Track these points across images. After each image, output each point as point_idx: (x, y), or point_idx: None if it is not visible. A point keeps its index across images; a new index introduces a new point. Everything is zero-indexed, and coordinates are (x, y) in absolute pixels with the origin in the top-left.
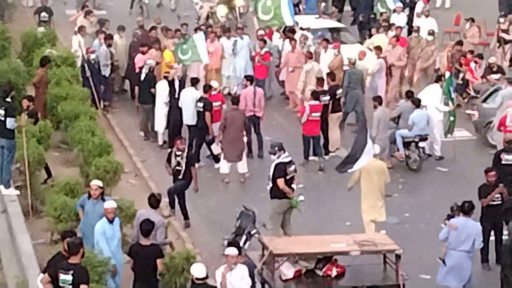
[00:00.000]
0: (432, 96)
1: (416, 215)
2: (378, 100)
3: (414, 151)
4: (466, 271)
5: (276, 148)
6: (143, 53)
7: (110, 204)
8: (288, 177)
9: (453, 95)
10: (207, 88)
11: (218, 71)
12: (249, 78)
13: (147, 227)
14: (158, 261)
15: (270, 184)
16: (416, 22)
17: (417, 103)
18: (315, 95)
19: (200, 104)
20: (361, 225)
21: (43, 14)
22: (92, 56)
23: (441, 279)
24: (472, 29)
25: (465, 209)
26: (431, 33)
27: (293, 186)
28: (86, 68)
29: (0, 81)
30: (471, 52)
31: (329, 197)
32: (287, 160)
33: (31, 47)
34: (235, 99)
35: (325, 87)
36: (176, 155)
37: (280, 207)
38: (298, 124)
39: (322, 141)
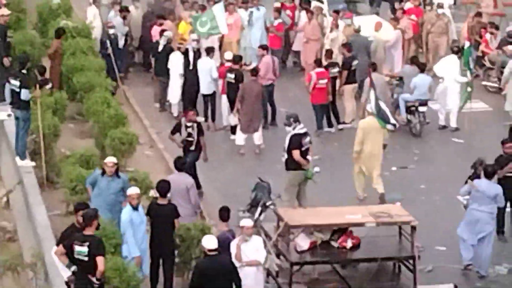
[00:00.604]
0: (450, 67)
1: (432, 186)
2: (372, 66)
3: (415, 115)
4: (482, 226)
5: (292, 120)
6: (160, 24)
7: (134, 190)
8: (303, 149)
9: (472, 66)
10: (238, 59)
11: (238, 42)
12: (264, 47)
13: (163, 187)
14: (176, 220)
15: (286, 156)
16: None
17: (421, 67)
18: (319, 62)
19: (231, 75)
20: (377, 198)
21: None
22: (111, 31)
23: (459, 230)
24: None
25: (488, 172)
26: (441, 5)
27: (308, 157)
28: (108, 44)
29: (16, 53)
30: (492, 24)
31: (345, 168)
32: (302, 131)
33: (47, 18)
34: (254, 71)
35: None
36: (187, 126)
37: (295, 178)
38: None
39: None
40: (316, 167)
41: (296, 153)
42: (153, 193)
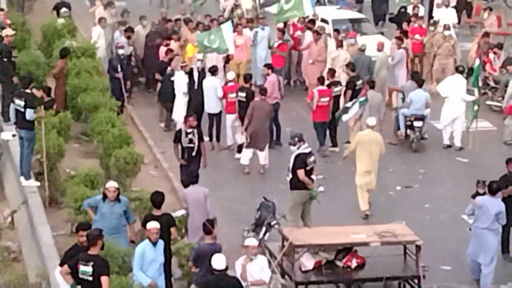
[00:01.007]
0: (456, 86)
1: (436, 206)
2: (370, 84)
3: (414, 131)
4: (490, 247)
5: (296, 139)
6: (167, 45)
7: (153, 224)
8: (308, 168)
9: (480, 84)
10: (248, 77)
11: (248, 62)
12: (269, 66)
13: (158, 198)
14: (172, 229)
15: (290, 175)
16: (436, 13)
17: (419, 83)
18: (322, 80)
19: (243, 94)
20: (382, 217)
21: (64, 9)
22: (121, 51)
23: (468, 254)
24: (491, 18)
25: (492, 188)
26: (447, 28)
27: (313, 177)
28: (118, 67)
29: (20, 73)
30: (497, 44)
31: (349, 188)
32: (307, 151)
33: (51, 38)
34: (263, 90)
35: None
36: (188, 133)
37: (300, 198)
38: None
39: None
40: (320, 187)
41: (301, 173)
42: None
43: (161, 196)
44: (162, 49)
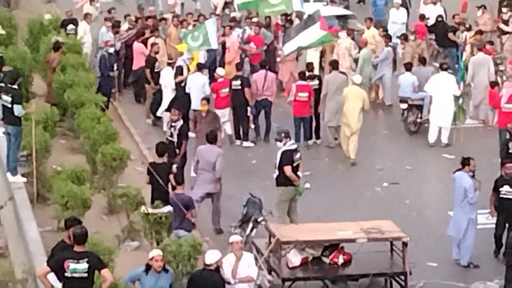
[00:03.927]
0: (443, 84)
1: (423, 202)
2: (333, 64)
3: (414, 113)
4: (460, 223)
5: (283, 135)
6: (143, 42)
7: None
8: (294, 165)
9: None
10: (240, 66)
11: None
12: (261, 63)
13: (161, 148)
14: (170, 176)
15: (277, 172)
16: (423, 10)
17: (408, 67)
18: (302, 75)
19: (237, 82)
20: (368, 214)
21: (70, 26)
22: (111, 50)
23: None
24: (484, 16)
25: (461, 163)
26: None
27: (299, 173)
28: (115, 65)
29: (7, 68)
30: (490, 42)
31: (335, 184)
32: (293, 147)
33: (38, 34)
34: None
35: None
36: (171, 126)
37: (286, 194)
38: None
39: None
40: (306, 183)
41: (288, 169)
42: (144, 208)
43: (164, 147)
44: (137, 45)
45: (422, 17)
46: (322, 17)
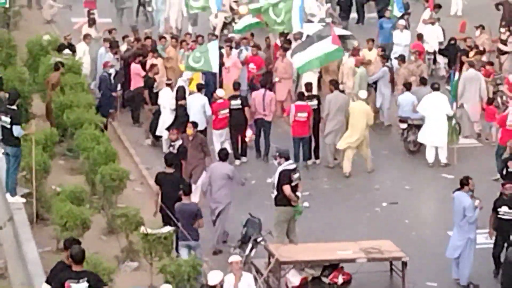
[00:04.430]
0: (437, 104)
1: (422, 222)
2: (333, 84)
3: (414, 133)
4: (459, 242)
5: (277, 154)
6: (139, 62)
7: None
8: (292, 184)
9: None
10: (237, 85)
11: None
12: (261, 82)
13: (169, 157)
14: (181, 186)
15: (275, 192)
16: (422, 30)
17: (407, 87)
18: (300, 95)
19: (237, 102)
20: (368, 233)
21: (66, 51)
22: (111, 70)
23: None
24: (483, 36)
25: (460, 182)
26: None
27: (298, 193)
28: (119, 86)
29: (6, 89)
30: (490, 63)
31: (335, 204)
32: (291, 167)
33: (37, 55)
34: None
35: None
36: (170, 145)
37: (285, 214)
38: None
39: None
40: (305, 202)
41: (287, 189)
42: (143, 229)
43: (173, 156)
44: (135, 67)
45: (420, 37)
46: (334, 31)
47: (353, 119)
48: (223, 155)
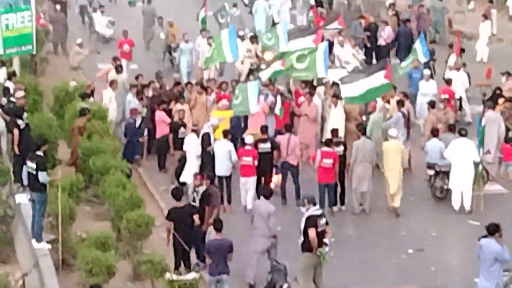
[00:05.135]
0: (463, 150)
1: (448, 269)
2: (360, 129)
3: (441, 179)
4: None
5: (306, 200)
6: (164, 109)
7: None
8: (319, 230)
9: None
10: (265, 129)
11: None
12: (286, 128)
13: (178, 192)
14: (195, 216)
15: (302, 238)
16: (448, 75)
17: (434, 133)
18: (327, 141)
19: (266, 145)
20: (394, 280)
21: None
22: (138, 120)
23: None
24: (509, 83)
25: (489, 230)
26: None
27: (325, 240)
28: (145, 131)
29: (33, 135)
30: None
31: (360, 250)
32: (318, 213)
33: (63, 101)
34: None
35: None
36: (194, 191)
37: (311, 260)
38: None
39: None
40: (327, 247)
41: (312, 232)
42: (169, 275)
43: (180, 191)
44: (159, 114)
45: (449, 82)
46: (388, 66)
47: (387, 160)
48: (268, 193)
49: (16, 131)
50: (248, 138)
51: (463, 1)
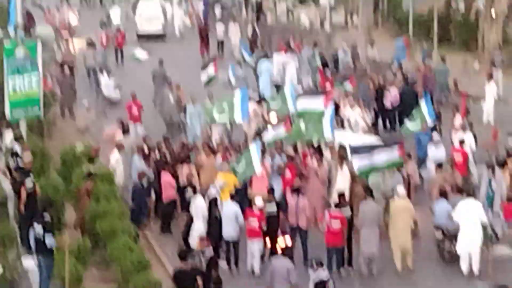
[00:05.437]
0: (471, 211)
1: None
2: (366, 190)
3: (450, 242)
4: None
5: (314, 263)
6: (170, 172)
7: None
8: None
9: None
10: (271, 190)
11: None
12: (294, 189)
13: (183, 253)
14: (198, 277)
15: None
16: (454, 137)
17: (443, 194)
18: (337, 205)
19: (273, 210)
20: None
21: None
22: (145, 183)
23: None
24: None
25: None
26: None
27: None
28: (152, 193)
29: (40, 197)
30: None
31: None
32: (325, 278)
33: (70, 164)
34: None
35: None
36: (200, 254)
37: None
38: None
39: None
40: None
41: None
42: None
43: (185, 251)
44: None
45: (462, 142)
46: (402, 143)
47: (396, 221)
48: (288, 252)
49: (23, 192)
50: (258, 200)
51: (469, 62)
